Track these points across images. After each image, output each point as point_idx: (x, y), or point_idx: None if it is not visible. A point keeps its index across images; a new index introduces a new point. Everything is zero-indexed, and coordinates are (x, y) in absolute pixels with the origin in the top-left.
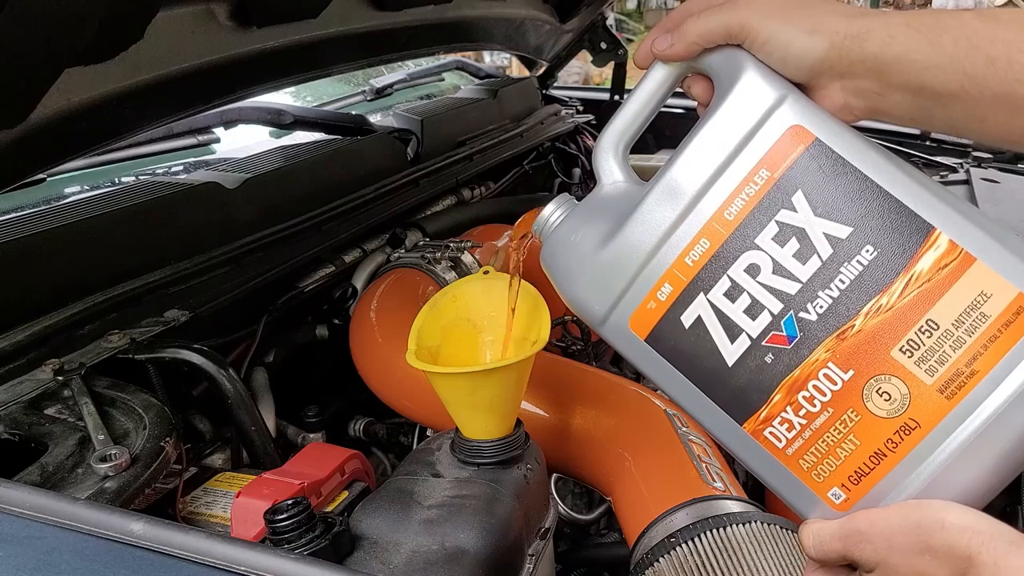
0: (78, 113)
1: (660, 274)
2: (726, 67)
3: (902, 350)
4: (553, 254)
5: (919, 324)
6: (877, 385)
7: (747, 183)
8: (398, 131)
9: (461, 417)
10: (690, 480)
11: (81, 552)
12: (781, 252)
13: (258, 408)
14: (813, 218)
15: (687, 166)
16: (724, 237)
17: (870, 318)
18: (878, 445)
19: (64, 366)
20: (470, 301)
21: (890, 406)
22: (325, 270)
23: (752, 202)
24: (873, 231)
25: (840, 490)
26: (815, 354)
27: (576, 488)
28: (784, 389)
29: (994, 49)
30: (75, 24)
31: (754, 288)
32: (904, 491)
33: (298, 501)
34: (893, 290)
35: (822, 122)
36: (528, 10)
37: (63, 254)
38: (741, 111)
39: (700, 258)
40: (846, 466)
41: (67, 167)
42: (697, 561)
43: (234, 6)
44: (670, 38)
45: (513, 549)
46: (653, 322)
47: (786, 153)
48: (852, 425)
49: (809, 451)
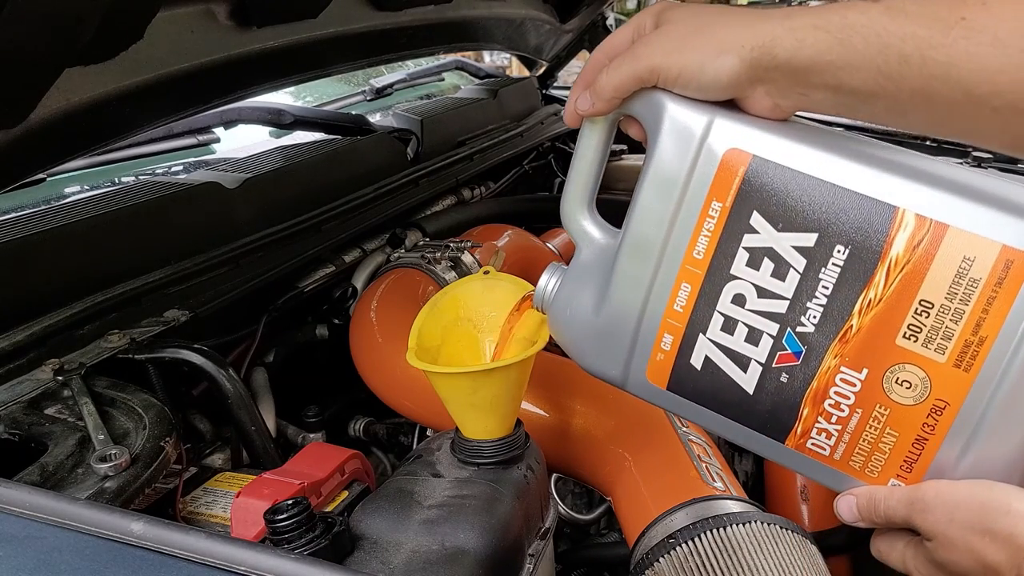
0: (78, 113)
1: (657, 327)
2: (648, 111)
3: (906, 336)
4: (558, 328)
5: (913, 307)
6: (894, 376)
7: (704, 219)
8: (398, 131)
9: (461, 417)
10: (690, 480)
11: (81, 552)
12: (759, 275)
13: (258, 408)
14: (777, 235)
15: (643, 219)
16: (701, 277)
17: (864, 315)
18: (916, 432)
19: (64, 366)
20: (470, 301)
21: (914, 392)
22: (325, 270)
23: (715, 236)
24: (838, 230)
25: (897, 480)
26: (825, 362)
27: (576, 488)
28: (809, 402)
29: (906, 46)
30: (75, 24)
31: (746, 316)
32: (958, 468)
33: (298, 501)
34: (877, 282)
35: (756, 137)
36: (528, 10)
37: (63, 254)
38: (674, 150)
39: (687, 302)
40: (894, 458)
41: (67, 167)
42: (697, 561)
43: (234, 6)
44: (589, 96)
45: (513, 549)
46: (668, 371)
47: (730, 178)
48: (884, 419)
49: (855, 452)
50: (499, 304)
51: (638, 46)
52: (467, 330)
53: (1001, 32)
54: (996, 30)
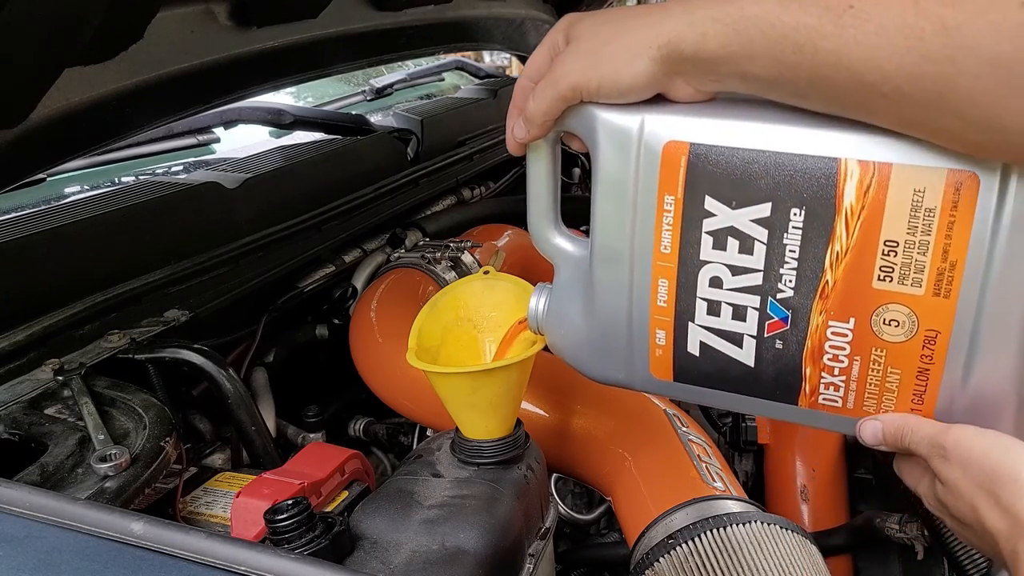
0: (78, 113)
1: (647, 325)
2: (582, 125)
3: (880, 279)
4: (557, 345)
5: (880, 249)
6: (881, 318)
7: (661, 215)
8: (398, 131)
9: (461, 417)
10: (690, 480)
11: (81, 552)
12: (727, 255)
13: (258, 408)
14: (733, 212)
15: (604, 229)
16: (675, 270)
17: (836, 268)
18: (916, 365)
19: (64, 366)
20: (470, 301)
21: (903, 329)
22: (325, 270)
23: (676, 228)
24: (789, 194)
25: (914, 413)
26: (812, 321)
27: (576, 488)
28: (808, 361)
29: (799, 36)
30: (75, 24)
31: (727, 296)
32: (966, 388)
33: (298, 501)
34: (839, 234)
35: (689, 124)
36: (528, 10)
37: (63, 254)
38: (615, 157)
39: (668, 296)
40: (903, 394)
41: (67, 167)
42: (697, 561)
43: (234, 6)
44: (523, 124)
45: (513, 549)
46: (670, 363)
47: (675, 170)
48: (883, 361)
49: (866, 397)
50: (499, 304)
51: (555, 67)
52: (467, 330)
53: (885, 19)
54: (881, 17)
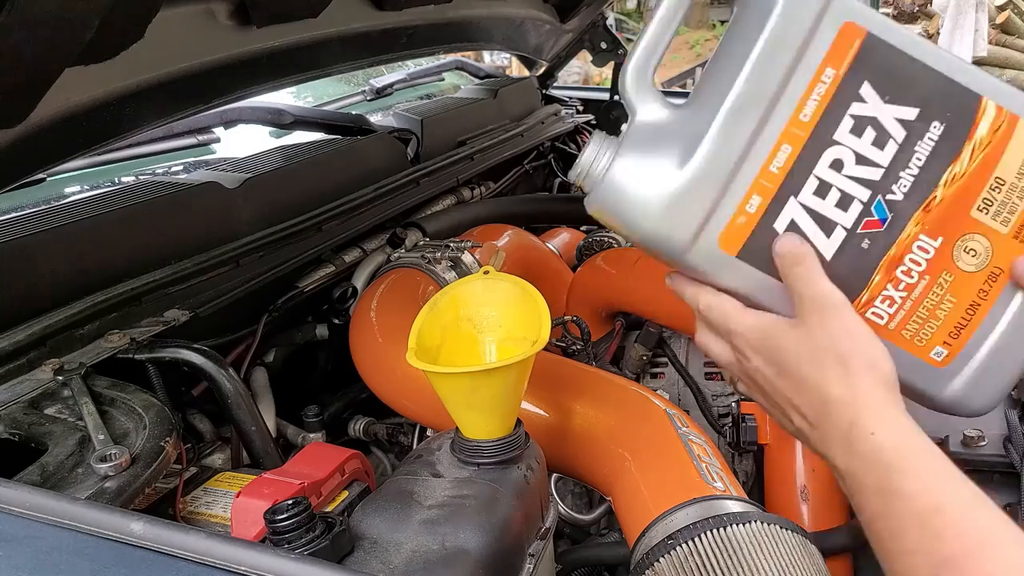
0: (78, 113)
1: (747, 187)
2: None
3: (979, 209)
4: (614, 196)
5: (989, 183)
6: (964, 244)
7: (816, 83)
8: (398, 131)
9: (461, 417)
10: (690, 480)
11: (81, 552)
12: (860, 143)
13: (258, 408)
14: (883, 106)
15: (754, 77)
16: (804, 139)
17: (948, 187)
18: (972, 297)
19: (64, 366)
20: (470, 301)
21: (977, 260)
22: (325, 270)
23: (824, 101)
24: (936, 108)
25: (942, 347)
26: (907, 230)
27: (576, 488)
28: (883, 269)
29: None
30: (75, 24)
31: (841, 182)
32: (996, 331)
33: (298, 501)
34: (963, 158)
35: (869, 15)
36: (528, 10)
37: (63, 254)
38: (793, 14)
39: (785, 163)
40: (946, 324)
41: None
42: (697, 561)
43: (234, 6)
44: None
45: (513, 549)
46: (745, 236)
47: (846, 49)
48: (948, 286)
49: (911, 320)
50: (499, 304)
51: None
52: (467, 330)
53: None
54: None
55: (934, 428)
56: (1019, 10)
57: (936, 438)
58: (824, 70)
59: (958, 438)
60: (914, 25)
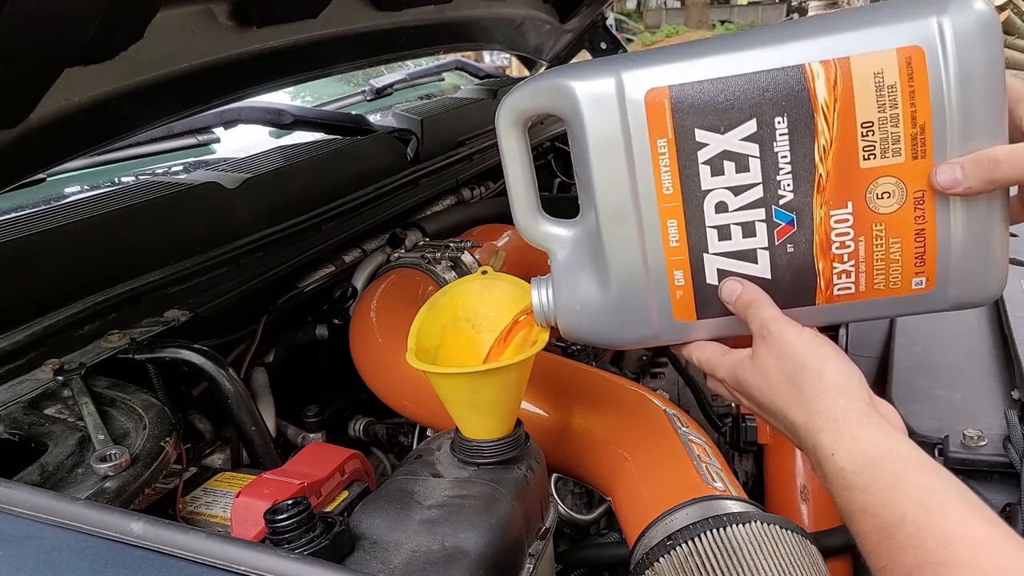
0: (78, 113)
1: (664, 270)
2: (559, 100)
3: (865, 158)
4: (574, 326)
5: (859, 132)
6: (873, 194)
7: (658, 158)
8: (398, 131)
9: (461, 417)
10: (690, 480)
11: (81, 552)
12: (727, 178)
13: (258, 408)
14: (724, 137)
15: (606, 189)
16: (680, 207)
17: (826, 160)
18: (913, 227)
19: (64, 366)
20: (468, 301)
21: (895, 199)
22: (325, 270)
23: (673, 167)
24: (769, 106)
25: (918, 278)
26: (816, 215)
27: (576, 488)
28: (819, 255)
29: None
30: (75, 24)
31: (735, 217)
32: (956, 236)
33: (298, 501)
34: (821, 129)
35: (662, 71)
36: (528, 10)
37: (63, 254)
38: (601, 118)
39: (679, 235)
40: (907, 260)
41: (67, 167)
42: (697, 561)
43: (234, 6)
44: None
45: (513, 549)
46: (691, 302)
47: (661, 113)
48: (884, 233)
49: (874, 276)
50: (498, 304)
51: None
52: (465, 330)
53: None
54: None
55: (934, 429)
56: (1019, 10)
57: (936, 439)
58: (656, 143)
59: (958, 438)
60: None
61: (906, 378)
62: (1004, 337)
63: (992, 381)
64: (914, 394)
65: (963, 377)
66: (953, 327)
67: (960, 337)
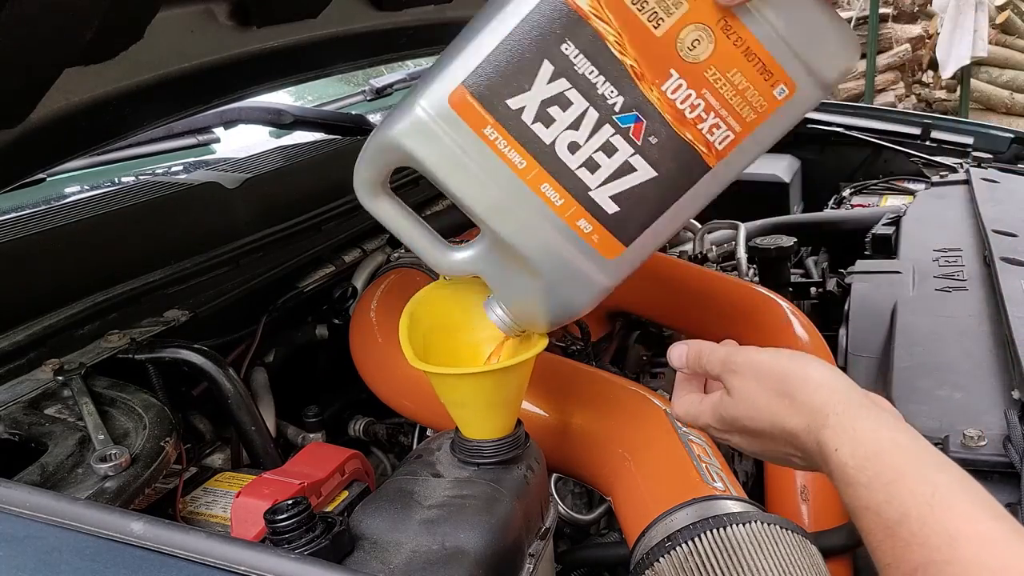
0: (78, 113)
1: (568, 228)
2: (394, 155)
3: (656, 26)
4: (544, 319)
5: (635, 10)
6: (683, 46)
7: (494, 145)
8: None
9: (461, 417)
10: (690, 480)
11: (81, 552)
12: (560, 121)
13: (258, 408)
14: (532, 92)
15: (475, 198)
16: (537, 167)
17: (626, 52)
18: (739, 52)
19: (64, 366)
20: (439, 308)
21: (706, 40)
22: (325, 270)
23: (512, 142)
24: (548, 41)
25: (776, 88)
26: (652, 99)
27: (576, 488)
28: (683, 129)
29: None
30: (75, 24)
31: (590, 147)
32: (779, 28)
33: (298, 501)
34: (602, 30)
35: (448, 78)
36: None
37: (63, 254)
38: (431, 146)
39: (557, 193)
40: (756, 79)
41: (67, 167)
42: (697, 561)
43: (234, 6)
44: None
45: (513, 549)
46: (611, 236)
47: (470, 108)
48: (721, 72)
49: (740, 110)
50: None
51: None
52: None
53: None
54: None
55: (934, 429)
56: (1019, 10)
57: (935, 439)
58: (484, 133)
59: (958, 438)
60: (914, 25)
61: (906, 378)
62: (1004, 337)
63: (992, 381)
64: (914, 394)
65: (963, 377)
66: (953, 327)
67: (960, 337)
